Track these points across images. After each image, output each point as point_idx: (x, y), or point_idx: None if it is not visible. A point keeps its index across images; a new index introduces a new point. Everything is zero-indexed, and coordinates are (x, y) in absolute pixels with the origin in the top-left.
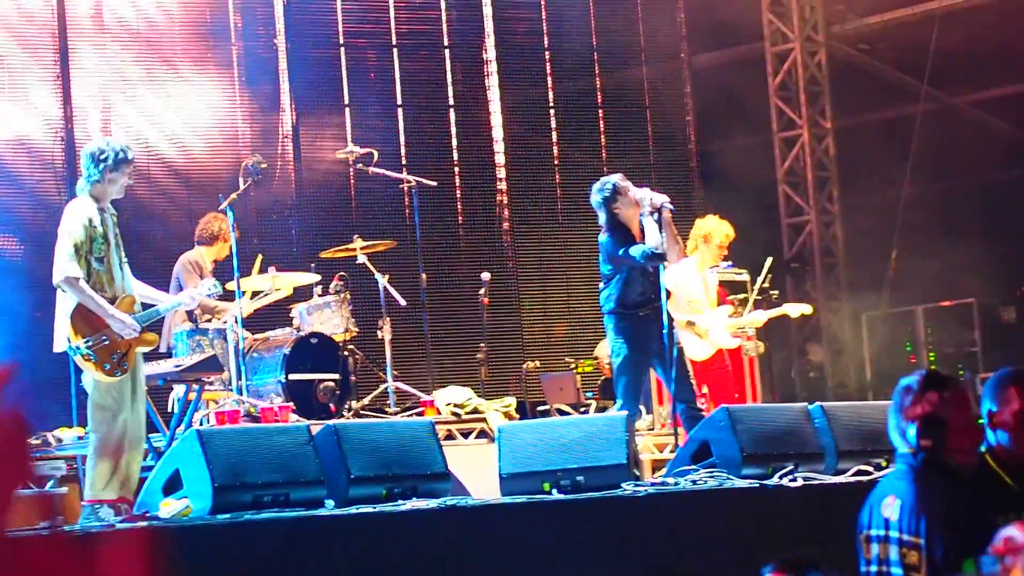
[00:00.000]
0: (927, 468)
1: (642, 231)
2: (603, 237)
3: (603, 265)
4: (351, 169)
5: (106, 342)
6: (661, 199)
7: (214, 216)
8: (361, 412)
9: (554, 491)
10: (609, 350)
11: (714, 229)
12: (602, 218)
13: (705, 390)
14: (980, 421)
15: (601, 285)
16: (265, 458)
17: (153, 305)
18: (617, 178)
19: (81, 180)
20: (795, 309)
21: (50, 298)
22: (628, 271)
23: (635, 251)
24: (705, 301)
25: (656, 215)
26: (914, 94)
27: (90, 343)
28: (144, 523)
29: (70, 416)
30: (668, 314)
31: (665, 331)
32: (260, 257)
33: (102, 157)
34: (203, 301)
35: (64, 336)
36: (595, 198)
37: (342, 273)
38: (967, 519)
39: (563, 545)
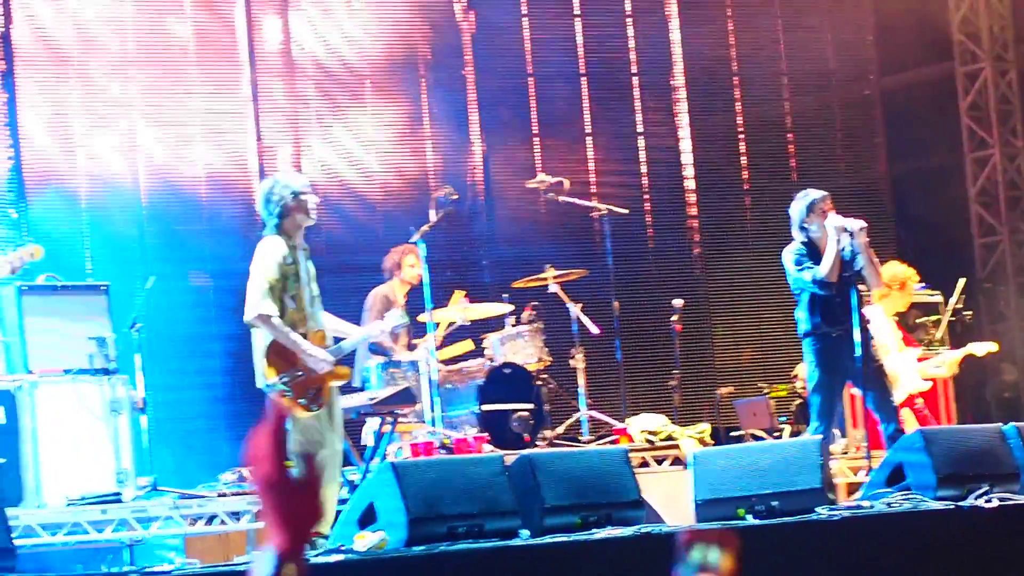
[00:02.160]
0: None
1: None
2: (785, 256)
3: (791, 283)
4: (542, 198)
5: (301, 377)
6: (856, 224)
7: (399, 249)
8: (555, 441)
9: (749, 516)
10: (804, 370)
11: (909, 276)
12: (795, 230)
13: (914, 427)
14: None
15: (796, 304)
16: (459, 489)
17: (344, 339)
18: (818, 196)
19: (268, 222)
20: (981, 348)
21: (244, 331)
22: (811, 292)
23: (807, 276)
24: (895, 347)
25: (850, 240)
26: None
27: (285, 379)
28: (341, 556)
29: None
30: (866, 332)
31: (867, 348)
32: (460, 294)
33: (273, 197)
34: (395, 333)
35: (260, 374)
36: (793, 206)
37: (534, 303)
38: None
39: (758, 571)
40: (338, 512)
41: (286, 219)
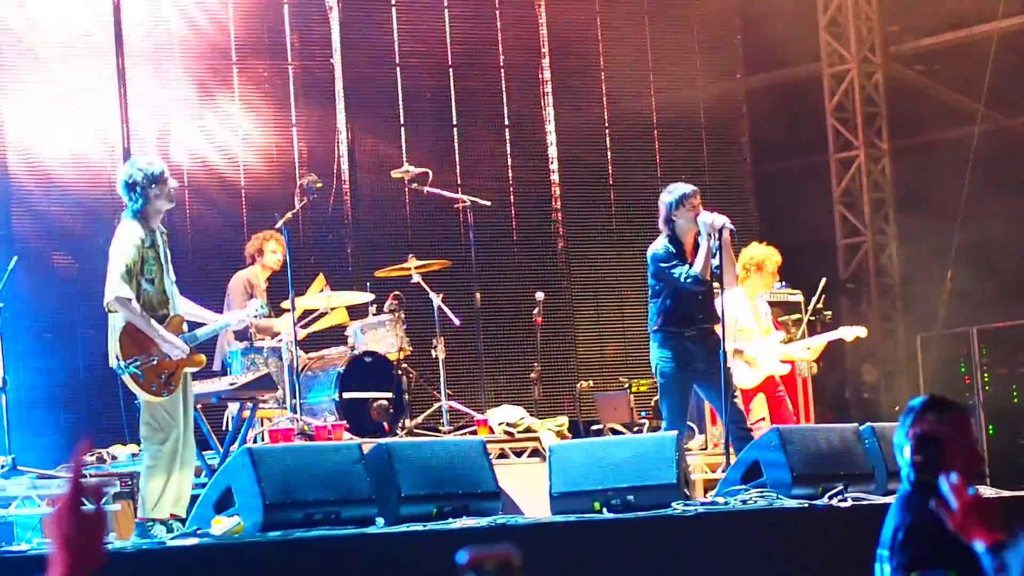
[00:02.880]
0: (916, 485)
1: (695, 251)
2: (653, 249)
3: (650, 278)
4: (406, 188)
5: (154, 362)
6: (722, 221)
7: (261, 234)
8: (414, 431)
9: (604, 510)
10: (653, 368)
11: (767, 256)
12: (661, 223)
13: (763, 412)
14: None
15: (650, 302)
16: (316, 476)
17: (201, 324)
18: (689, 190)
19: (128, 206)
20: (850, 332)
21: (103, 315)
22: (674, 289)
23: (679, 272)
24: (757, 329)
25: (716, 238)
26: (971, 115)
27: (138, 363)
28: (196, 540)
29: (123, 433)
30: (720, 335)
31: (720, 352)
32: (322, 277)
33: (131, 182)
34: (254, 321)
35: (113, 355)
36: (663, 197)
37: (396, 292)
38: (925, 535)
39: (613, 564)
40: (195, 496)
41: (146, 204)
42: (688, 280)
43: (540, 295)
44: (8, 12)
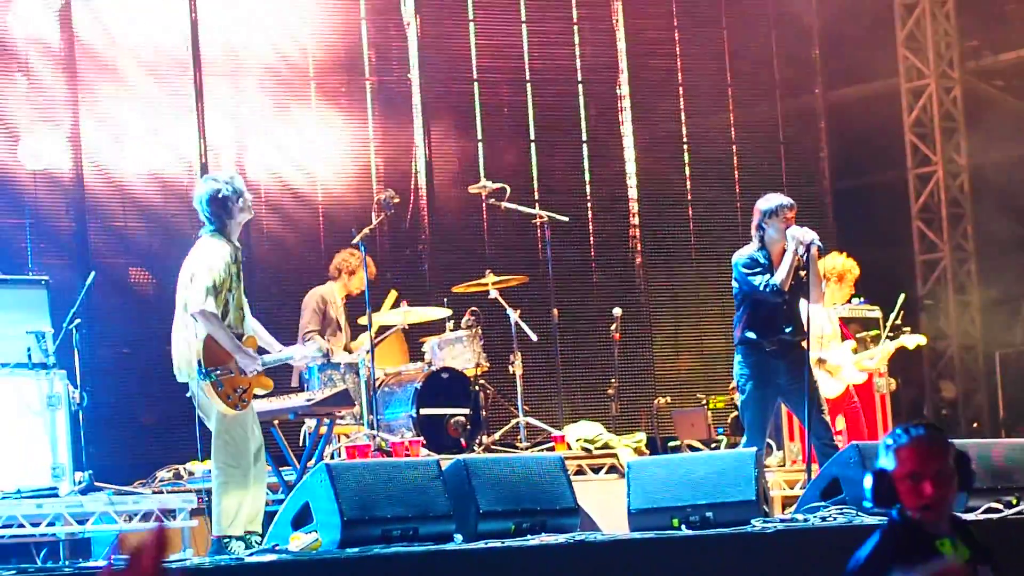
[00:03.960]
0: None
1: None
2: (738, 255)
3: (733, 284)
4: (484, 204)
5: (231, 375)
6: (811, 236)
7: (347, 251)
8: (492, 447)
9: (683, 527)
10: (736, 384)
11: (848, 269)
12: (753, 229)
13: (841, 425)
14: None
15: (735, 313)
16: (394, 492)
17: (267, 351)
18: (786, 202)
19: (211, 222)
20: (911, 340)
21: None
22: (755, 299)
23: (759, 280)
24: (835, 338)
25: (803, 252)
26: None
27: (219, 372)
28: (274, 556)
29: (198, 449)
30: (806, 348)
31: (806, 366)
32: (394, 293)
33: (219, 196)
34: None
35: (194, 362)
36: (758, 204)
37: (474, 308)
38: (869, 562)
39: None
40: (273, 512)
41: (229, 219)
42: (767, 289)
43: (617, 311)
44: (87, 29)
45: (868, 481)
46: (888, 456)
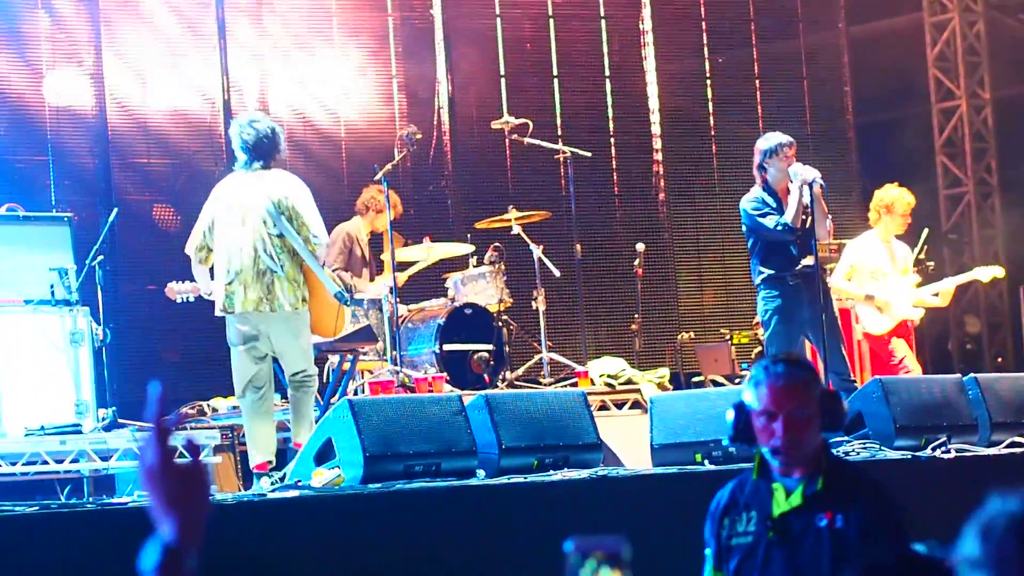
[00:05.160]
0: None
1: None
2: (745, 202)
3: (744, 231)
4: (506, 140)
5: None
6: (813, 174)
7: (375, 188)
8: (515, 383)
9: (706, 462)
10: (759, 319)
11: (896, 198)
12: (755, 169)
13: (905, 352)
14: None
15: (750, 253)
16: (417, 428)
17: None
18: (785, 140)
19: (269, 157)
20: (986, 273)
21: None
22: (768, 240)
23: (770, 222)
24: (892, 271)
25: (807, 190)
26: None
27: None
28: (296, 492)
29: (230, 386)
30: (825, 283)
31: (822, 298)
32: (427, 240)
33: (271, 134)
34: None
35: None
36: (758, 144)
37: (497, 244)
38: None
39: None
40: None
41: (278, 154)
42: (780, 228)
43: (641, 246)
44: None
45: (729, 415)
46: (750, 390)
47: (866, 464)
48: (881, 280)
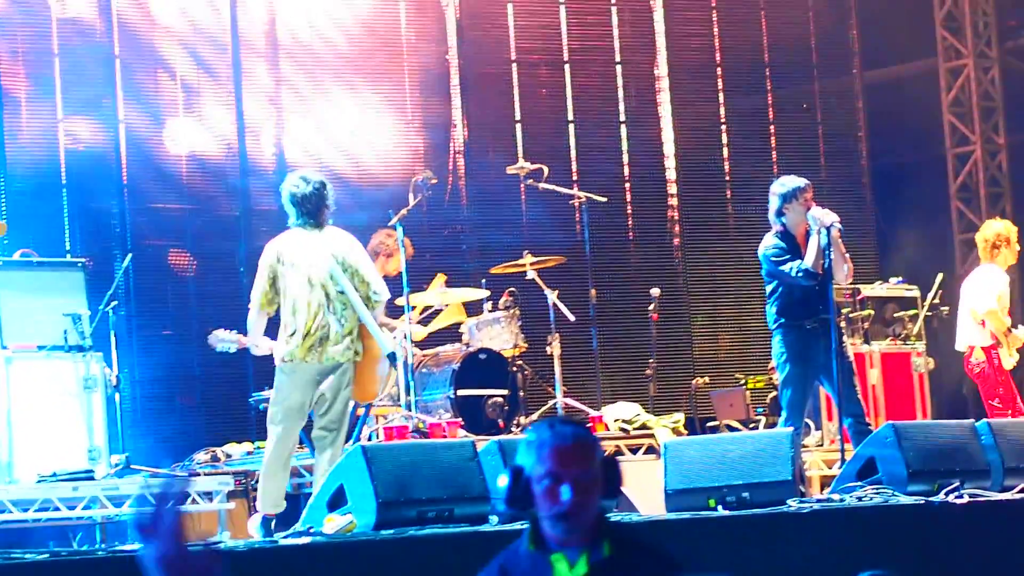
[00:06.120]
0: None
1: (807, 244)
2: (763, 248)
3: (764, 276)
4: (522, 185)
5: None
6: (831, 218)
7: (384, 232)
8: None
9: (719, 507)
10: (774, 363)
11: (1011, 229)
12: (772, 216)
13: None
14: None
15: (767, 298)
16: (429, 474)
17: None
18: (801, 184)
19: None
20: None
21: (222, 313)
22: (788, 285)
23: (790, 267)
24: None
25: (824, 234)
26: None
27: None
28: (308, 539)
29: (243, 431)
30: (837, 327)
31: (833, 345)
32: (442, 277)
33: (322, 190)
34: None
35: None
36: (774, 190)
37: (512, 289)
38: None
39: (728, 561)
40: (307, 495)
41: (327, 211)
42: (799, 274)
43: (656, 291)
44: (128, 10)
45: (503, 480)
46: (528, 453)
47: (878, 509)
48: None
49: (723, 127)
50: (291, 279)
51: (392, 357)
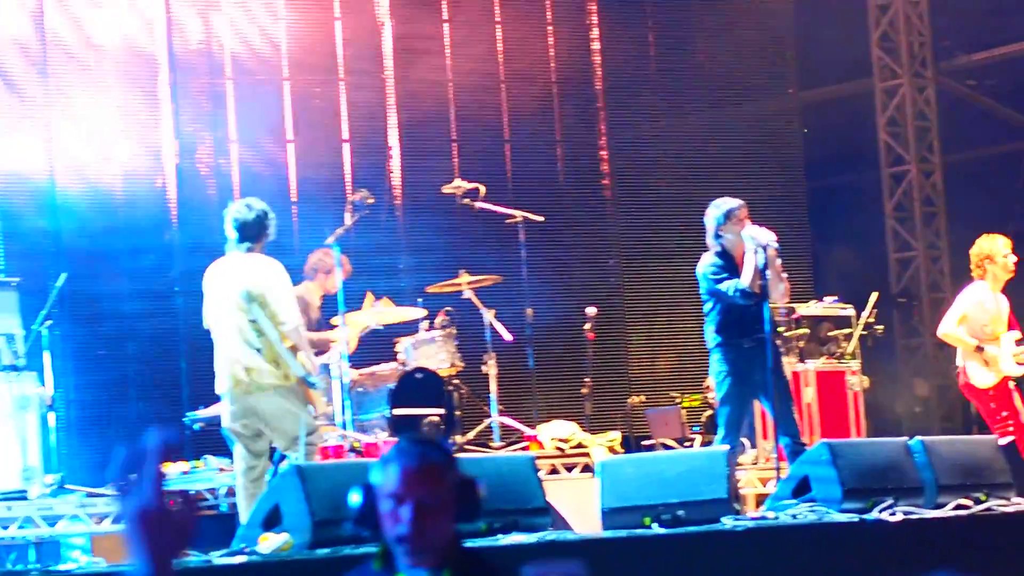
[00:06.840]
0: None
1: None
2: (701, 267)
3: (702, 295)
4: (458, 204)
5: None
6: (767, 237)
7: (321, 251)
8: (465, 447)
9: (655, 525)
10: (712, 381)
11: (991, 245)
12: (710, 239)
13: (1010, 410)
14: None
15: (705, 317)
16: None
17: None
18: (735, 204)
19: (263, 240)
20: None
21: (152, 333)
22: (726, 304)
23: (727, 287)
24: (1000, 325)
25: (762, 253)
26: (1022, 129)
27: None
28: (244, 558)
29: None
30: (774, 346)
31: (770, 363)
32: (371, 296)
33: (264, 217)
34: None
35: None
36: (709, 212)
37: (448, 308)
38: None
39: None
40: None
41: (266, 238)
42: (736, 293)
43: (592, 310)
44: (61, 26)
45: (355, 497)
46: (377, 471)
47: (813, 527)
48: (991, 334)
49: (660, 146)
50: (214, 305)
51: (305, 380)
